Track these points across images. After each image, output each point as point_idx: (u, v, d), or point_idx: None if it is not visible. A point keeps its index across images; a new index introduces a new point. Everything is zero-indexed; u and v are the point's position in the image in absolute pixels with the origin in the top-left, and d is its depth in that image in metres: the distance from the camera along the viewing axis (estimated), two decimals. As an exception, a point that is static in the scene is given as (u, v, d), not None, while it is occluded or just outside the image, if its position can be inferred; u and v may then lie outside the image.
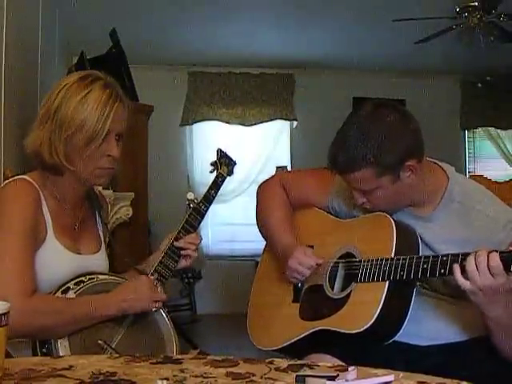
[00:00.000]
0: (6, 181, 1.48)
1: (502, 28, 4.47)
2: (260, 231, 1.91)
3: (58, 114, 1.43)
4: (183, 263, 1.67)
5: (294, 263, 1.67)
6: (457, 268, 1.33)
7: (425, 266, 1.43)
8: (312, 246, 1.77)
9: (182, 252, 1.65)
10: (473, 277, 1.30)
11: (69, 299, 1.40)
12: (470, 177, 6.01)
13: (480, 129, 6.77)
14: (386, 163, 1.47)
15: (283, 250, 1.74)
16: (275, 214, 1.85)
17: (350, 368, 0.98)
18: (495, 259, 1.29)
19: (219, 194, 1.78)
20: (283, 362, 1.06)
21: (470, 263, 1.31)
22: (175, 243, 1.63)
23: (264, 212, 1.90)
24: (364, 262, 1.56)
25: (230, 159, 1.85)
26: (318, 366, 1.05)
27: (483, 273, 1.29)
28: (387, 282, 1.48)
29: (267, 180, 1.97)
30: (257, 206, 1.94)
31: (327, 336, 1.55)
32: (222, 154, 1.84)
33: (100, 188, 2.03)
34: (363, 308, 1.50)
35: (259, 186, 1.97)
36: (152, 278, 1.54)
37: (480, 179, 5.06)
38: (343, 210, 1.75)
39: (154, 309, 1.50)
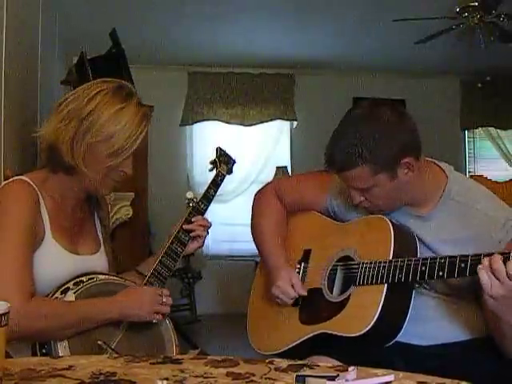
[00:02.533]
0: (4, 182, 1.48)
1: (502, 28, 4.47)
2: (254, 242, 1.91)
3: (90, 118, 1.41)
4: (195, 245, 1.67)
5: (277, 291, 1.68)
6: (482, 270, 1.29)
7: (423, 268, 1.43)
8: (310, 250, 1.77)
9: (192, 234, 1.64)
10: (487, 288, 1.28)
11: (68, 303, 1.39)
12: (470, 177, 6.01)
13: (480, 129, 6.77)
14: (382, 160, 1.47)
15: (270, 270, 1.75)
16: (267, 228, 1.85)
17: (350, 368, 0.97)
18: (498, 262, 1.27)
19: (219, 193, 1.77)
20: (283, 362, 1.06)
21: (483, 277, 1.28)
22: (184, 226, 1.63)
23: (257, 225, 1.90)
24: (362, 264, 1.56)
25: (230, 157, 1.84)
26: (318, 366, 1.05)
27: (503, 279, 1.27)
28: (386, 285, 1.49)
29: (262, 188, 1.96)
30: (252, 216, 1.94)
31: (327, 339, 1.55)
32: (221, 153, 1.83)
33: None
34: (362, 311, 1.50)
35: (255, 195, 1.96)
36: (159, 287, 1.53)
37: (480, 179, 5.05)
38: (342, 211, 1.74)
39: (154, 321, 1.49)
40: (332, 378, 0.93)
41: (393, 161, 1.48)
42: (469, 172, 6.67)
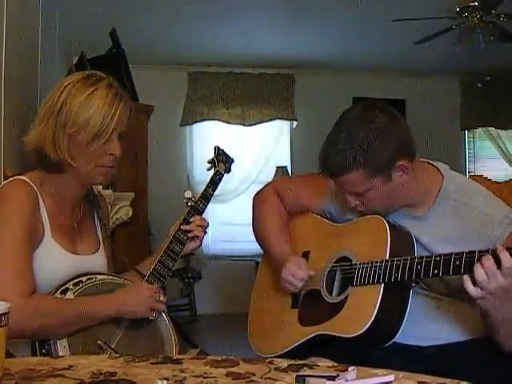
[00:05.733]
0: (3, 182, 1.49)
1: (501, 28, 4.47)
2: (256, 240, 1.91)
3: (63, 111, 1.43)
4: (192, 245, 1.67)
5: (286, 275, 1.67)
6: (467, 279, 1.32)
7: (418, 267, 1.43)
8: (308, 251, 1.77)
9: (190, 234, 1.64)
10: (484, 285, 1.30)
11: (68, 300, 1.40)
12: (470, 177, 6.00)
13: (480, 129, 6.77)
14: (376, 164, 1.47)
15: (278, 260, 1.74)
16: (270, 223, 1.85)
17: (350, 368, 0.97)
18: (508, 258, 1.28)
19: (219, 193, 1.77)
20: (283, 362, 1.06)
21: (479, 273, 1.30)
22: (182, 227, 1.63)
23: (259, 222, 1.90)
24: (359, 265, 1.56)
25: (228, 156, 1.84)
26: (318, 365, 1.05)
27: (493, 277, 1.29)
28: (382, 285, 1.49)
29: (262, 189, 1.96)
30: (253, 215, 1.93)
31: (326, 340, 1.55)
32: (219, 152, 1.83)
33: (100, 188, 2.03)
34: (360, 311, 1.50)
35: (254, 196, 1.96)
36: (155, 286, 1.53)
37: (480, 179, 5.05)
38: (339, 214, 1.74)
39: (151, 317, 1.50)
40: (332, 378, 0.93)
41: (387, 164, 1.48)
42: (469, 172, 6.67)
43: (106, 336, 1.42)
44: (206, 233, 1.68)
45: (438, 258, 1.40)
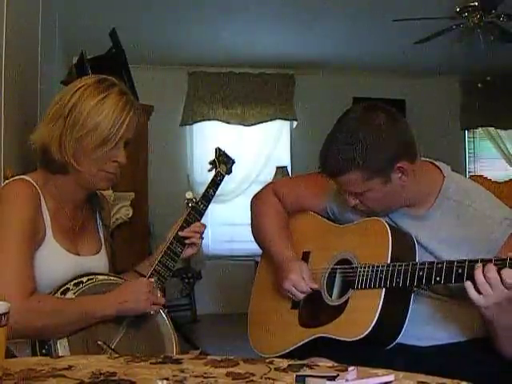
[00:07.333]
0: (6, 181, 1.49)
1: (502, 28, 4.47)
2: (256, 242, 1.91)
3: (73, 113, 1.42)
4: (189, 251, 1.67)
5: (289, 286, 1.66)
6: (470, 285, 1.32)
7: (420, 273, 1.43)
8: (309, 252, 1.76)
9: (187, 241, 1.65)
10: (487, 295, 1.29)
11: (68, 299, 1.40)
12: (470, 177, 6.00)
13: (480, 129, 6.77)
14: (374, 165, 1.47)
15: (279, 263, 1.73)
16: (270, 225, 1.84)
17: (350, 368, 0.97)
18: (509, 275, 1.27)
19: (219, 193, 1.77)
20: (283, 362, 1.05)
21: (481, 282, 1.29)
22: (180, 233, 1.64)
23: (259, 223, 1.89)
24: (360, 268, 1.55)
25: (229, 158, 1.84)
26: (318, 365, 1.05)
27: (496, 287, 1.28)
28: (384, 289, 1.48)
29: (260, 191, 1.95)
30: (252, 217, 1.93)
31: (326, 342, 1.55)
32: (220, 153, 1.84)
33: (100, 188, 2.02)
34: (361, 315, 1.50)
35: (253, 198, 1.96)
36: (152, 280, 1.53)
37: (480, 179, 5.05)
38: (340, 213, 1.74)
39: (151, 312, 1.50)
40: (332, 378, 0.93)
41: (386, 166, 1.48)
42: (469, 172, 6.67)
43: (106, 336, 1.41)
44: (202, 238, 1.68)
45: (439, 265, 1.39)
